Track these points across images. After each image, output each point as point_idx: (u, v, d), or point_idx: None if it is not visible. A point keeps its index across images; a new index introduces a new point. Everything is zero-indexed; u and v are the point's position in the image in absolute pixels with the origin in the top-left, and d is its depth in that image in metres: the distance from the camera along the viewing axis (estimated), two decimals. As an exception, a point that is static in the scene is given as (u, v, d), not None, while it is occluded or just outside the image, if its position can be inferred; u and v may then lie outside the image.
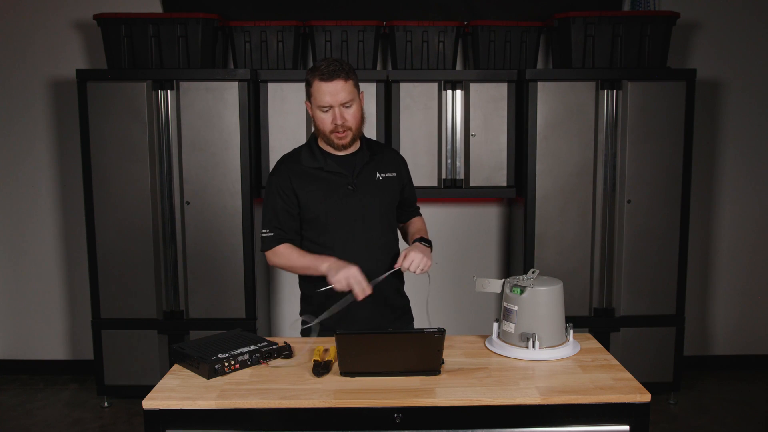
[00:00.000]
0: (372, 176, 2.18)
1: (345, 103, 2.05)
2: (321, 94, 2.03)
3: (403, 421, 1.65)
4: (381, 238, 2.18)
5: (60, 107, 3.87)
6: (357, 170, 2.16)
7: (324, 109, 2.05)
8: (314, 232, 2.16)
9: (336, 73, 2.01)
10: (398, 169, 2.26)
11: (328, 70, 2.02)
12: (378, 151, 2.24)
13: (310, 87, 2.06)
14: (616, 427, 1.68)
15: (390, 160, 2.26)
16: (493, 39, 3.53)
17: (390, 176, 2.22)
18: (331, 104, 2.04)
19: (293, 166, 2.17)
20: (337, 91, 2.02)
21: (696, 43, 3.89)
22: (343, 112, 2.05)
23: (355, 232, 2.14)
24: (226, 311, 3.49)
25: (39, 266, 4.00)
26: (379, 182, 2.19)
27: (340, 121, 2.05)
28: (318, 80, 2.03)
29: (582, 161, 3.44)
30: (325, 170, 2.14)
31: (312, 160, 2.16)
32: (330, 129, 2.07)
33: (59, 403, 3.68)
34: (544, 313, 1.93)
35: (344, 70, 2.04)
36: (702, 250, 4.02)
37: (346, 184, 2.14)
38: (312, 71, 2.06)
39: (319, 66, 2.04)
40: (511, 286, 1.96)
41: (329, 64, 2.03)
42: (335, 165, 2.14)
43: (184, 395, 1.69)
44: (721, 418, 3.45)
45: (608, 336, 3.53)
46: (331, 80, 2.01)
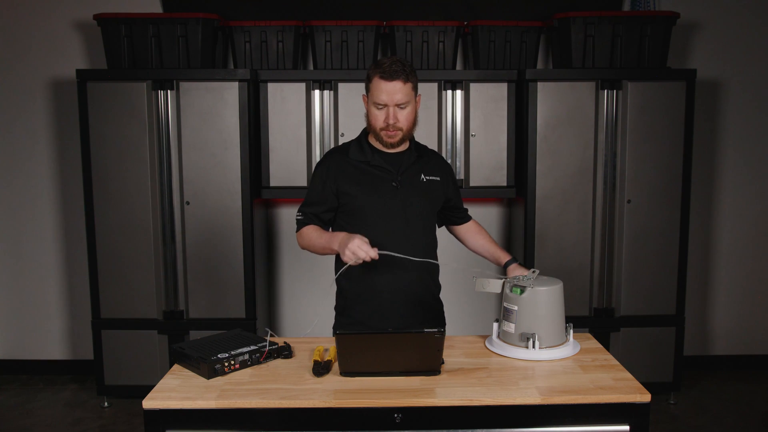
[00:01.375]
0: (417, 177, 2.19)
1: (400, 104, 2.07)
2: (378, 92, 2.06)
3: (403, 421, 1.65)
4: (420, 237, 2.19)
5: (60, 107, 3.87)
6: (403, 169, 2.17)
7: (379, 107, 2.08)
8: (353, 226, 2.17)
9: (397, 73, 2.04)
10: (443, 174, 2.27)
11: (390, 69, 2.04)
12: (425, 154, 2.26)
13: (370, 82, 2.09)
14: (616, 427, 1.68)
15: (436, 164, 2.28)
16: (493, 39, 3.53)
17: (434, 180, 2.23)
18: (387, 103, 2.06)
19: (340, 158, 2.20)
20: (394, 91, 2.05)
21: (696, 43, 3.89)
22: (397, 112, 2.08)
23: (395, 229, 2.15)
24: (226, 311, 3.49)
25: (39, 266, 4.00)
26: (423, 184, 2.20)
27: (392, 121, 2.08)
28: (378, 77, 2.05)
29: (582, 161, 3.44)
30: (371, 164, 2.16)
31: (360, 154, 2.18)
32: (381, 126, 2.10)
33: (59, 403, 3.68)
34: (544, 313, 1.93)
35: (405, 71, 2.06)
36: (702, 250, 4.02)
37: (390, 180, 2.15)
38: (375, 67, 2.08)
39: (383, 63, 2.06)
40: (511, 286, 1.96)
41: (392, 63, 2.05)
42: (382, 161, 2.16)
43: (184, 395, 1.69)
44: (721, 418, 3.45)
45: (608, 336, 3.53)
46: (390, 80, 2.04)
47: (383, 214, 2.14)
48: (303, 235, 2.20)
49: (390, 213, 2.15)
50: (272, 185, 3.55)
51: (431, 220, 2.26)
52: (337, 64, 3.54)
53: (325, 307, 4.08)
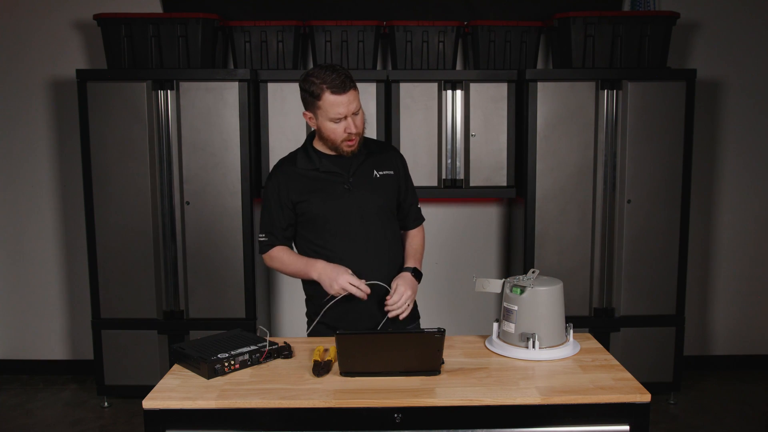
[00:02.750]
0: (369, 174, 2.18)
1: (356, 112, 2.06)
2: (335, 107, 2.02)
3: (403, 421, 1.64)
4: (381, 235, 2.18)
5: (60, 107, 3.87)
6: (353, 169, 2.15)
7: (336, 121, 2.05)
8: (313, 234, 2.17)
9: (346, 83, 2.01)
10: (396, 167, 2.25)
11: (340, 82, 2.00)
12: (376, 150, 2.23)
13: (318, 99, 2.03)
14: (616, 427, 1.68)
15: (388, 158, 2.24)
16: (493, 39, 3.53)
17: (388, 174, 2.21)
18: (346, 115, 2.03)
19: (289, 169, 2.18)
20: (350, 101, 2.03)
21: (696, 43, 3.89)
22: (355, 120, 2.06)
23: (354, 231, 2.14)
24: (226, 311, 3.49)
25: (39, 266, 4.00)
26: (376, 180, 2.18)
27: (355, 130, 2.06)
28: (330, 93, 2.01)
29: (582, 161, 3.44)
30: (321, 171, 2.15)
31: (307, 162, 2.16)
32: (343, 138, 2.07)
33: (59, 403, 3.68)
34: (544, 313, 1.93)
35: (350, 78, 2.04)
36: (702, 250, 4.02)
37: (342, 183, 2.14)
38: (317, 83, 2.01)
39: (326, 77, 2.01)
40: (511, 286, 1.96)
41: (337, 74, 2.01)
42: (330, 165, 2.15)
43: (184, 395, 1.69)
44: (721, 418, 3.45)
45: (608, 336, 3.53)
46: (345, 92, 2.01)
47: (341, 218, 2.13)
48: (273, 257, 2.20)
49: (347, 215, 2.13)
50: (272, 185, 3.55)
51: (390, 215, 2.23)
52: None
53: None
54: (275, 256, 2.20)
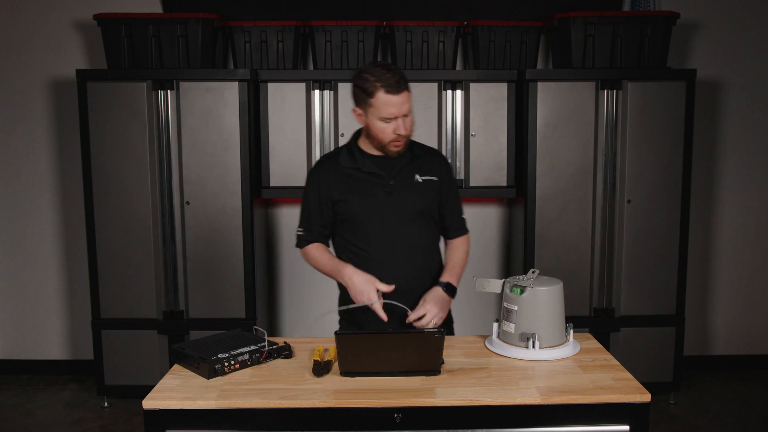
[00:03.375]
0: (410, 178, 2.16)
1: (407, 114, 2.04)
2: (387, 107, 2.00)
3: (403, 421, 1.64)
4: (417, 240, 2.17)
5: (60, 107, 3.87)
6: (395, 171, 2.14)
7: (387, 120, 2.03)
8: (350, 233, 2.18)
9: (400, 84, 1.99)
10: (440, 173, 2.21)
11: (395, 82, 1.98)
12: (421, 154, 2.20)
13: (371, 97, 2.01)
14: (616, 427, 1.68)
15: (433, 163, 2.21)
16: (493, 39, 3.53)
17: (430, 180, 2.18)
18: (397, 116, 2.02)
19: (331, 166, 2.18)
20: (403, 102, 2.01)
21: (696, 43, 3.89)
22: (405, 122, 2.04)
23: (391, 233, 2.14)
24: (226, 311, 3.49)
25: (39, 266, 4.00)
26: (418, 185, 2.16)
27: (404, 132, 2.05)
28: (384, 92, 1.99)
29: (582, 161, 3.44)
30: (363, 171, 2.14)
31: (350, 161, 2.16)
32: (390, 139, 2.06)
33: (59, 403, 3.68)
34: (544, 313, 1.93)
35: (404, 79, 2.01)
36: (702, 250, 4.02)
37: (382, 184, 2.13)
38: (372, 81, 1.99)
39: (381, 75, 1.99)
40: (511, 286, 1.96)
41: (393, 74, 1.99)
42: (373, 165, 2.14)
43: (184, 395, 1.69)
44: (721, 418, 3.45)
45: (608, 336, 3.53)
46: (399, 92, 1.99)
47: (378, 220, 2.13)
48: (308, 255, 2.24)
49: (384, 218, 2.13)
50: (272, 185, 3.55)
51: (429, 220, 2.21)
52: (337, 64, 3.54)
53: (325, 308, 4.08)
54: (310, 254, 2.23)
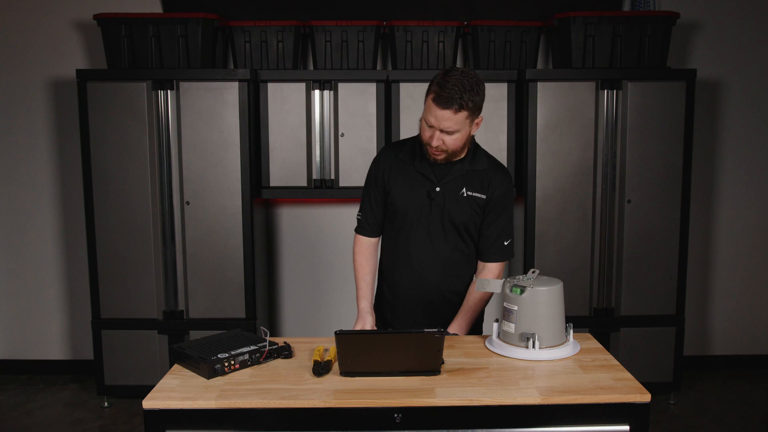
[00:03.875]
0: (457, 190, 2.13)
1: (449, 131, 2.01)
2: (429, 112, 2.01)
3: (403, 421, 1.64)
4: (446, 252, 2.18)
5: (60, 107, 3.87)
6: (445, 180, 2.13)
7: (428, 124, 2.04)
8: (391, 223, 2.22)
9: (450, 101, 1.94)
10: (491, 193, 2.14)
11: (445, 95, 1.94)
12: (480, 168, 2.15)
13: (428, 95, 2.01)
14: (616, 427, 1.68)
15: (487, 181, 2.14)
16: (493, 39, 3.53)
17: (477, 196, 2.14)
18: (434, 126, 2.01)
19: (392, 153, 2.21)
20: (443, 118, 1.98)
21: (696, 43, 3.89)
22: (444, 137, 2.02)
23: (424, 238, 2.16)
24: (226, 311, 3.49)
25: (39, 266, 4.00)
26: (461, 198, 2.13)
27: (436, 143, 2.03)
28: (433, 98, 1.97)
29: (582, 161, 3.44)
30: (416, 168, 2.15)
31: (409, 155, 2.18)
32: (426, 142, 2.08)
33: (59, 403, 3.68)
34: (544, 313, 1.93)
35: (462, 100, 1.94)
36: (702, 250, 4.02)
37: (428, 188, 2.14)
38: (435, 83, 1.98)
39: (444, 84, 1.95)
40: (511, 286, 1.96)
41: (452, 87, 1.93)
42: (426, 167, 2.14)
43: (184, 395, 1.69)
44: (721, 418, 3.45)
45: (608, 336, 3.53)
46: (442, 108, 1.96)
47: (414, 221, 2.15)
48: (355, 251, 2.30)
49: (420, 222, 2.15)
50: (272, 185, 3.55)
51: (464, 236, 2.18)
52: (337, 64, 3.54)
53: (325, 311, 4.08)
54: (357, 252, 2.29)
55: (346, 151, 3.51)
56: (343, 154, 3.51)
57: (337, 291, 4.03)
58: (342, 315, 4.01)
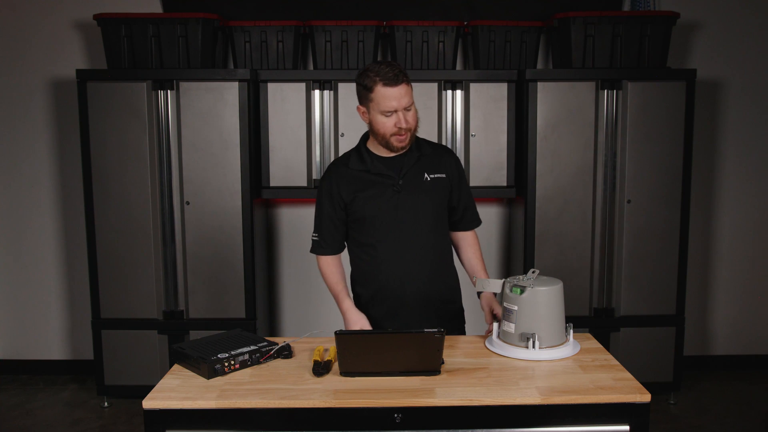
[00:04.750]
0: (419, 177, 2.17)
1: (407, 107, 2.07)
2: (386, 99, 2.04)
3: (403, 421, 1.64)
4: (428, 239, 2.18)
5: (60, 107, 3.87)
6: (404, 171, 2.16)
7: (387, 114, 2.06)
8: (360, 233, 2.20)
9: (398, 77, 2.03)
10: (448, 170, 2.23)
11: (393, 75, 2.03)
12: (429, 152, 2.23)
13: (371, 92, 2.06)
14: (616, 427, 1.68)
15: (441, 160, 2.23)
16: (493, 39, 3.53)
17: (439, 177, 2.20)
18: (397, 109, 2.05)
19: (341, 170, 2.21)
20: (401, 95, 2.04)
21: (696, 43, 3.89)
22: (406, 115, 2.07)
23: (401, 232, 2.15)
24: (226, 311, 3.49)
25: (39, 266, 4.00)
26: (426, 183, 2.17)
27: (404, 125, 2.07)
28: (382, 85, 2.03)
29: (582, 161, 3.44)
30: (372, 172, 2.16)
31: (359, 163, 2.18)
32: (392, 132, 2.09)
33: (59, 403, 3.68)
34: (544, 313, 1.93)
35: (404, 73, 2.06)
36: (702, 250, 4.02)
37: (391, 185, 2.14)
38: (371, 76, 2.05)
39: (379, 71, 2.04)
40: (511, 286, 1.96)
41: (391, 68, 2.04)
42: (382, 167, 2.16)
43: (184, 395, 1.69)
44: (721, 418, 3.45)
45: (608, 336, 3.53)
46: (396, 85, 2.03)
47: (387, 220, 2.14)
48: (320, 267, 2.29)
49: (394, 217, 2.14)
50: (272, 185, 3.55)
51: (440, 218, 2.22)
52: (337, 64, 3.55)
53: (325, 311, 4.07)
54: (321, 268, 2.29)
55: (345, 151, 3.51)
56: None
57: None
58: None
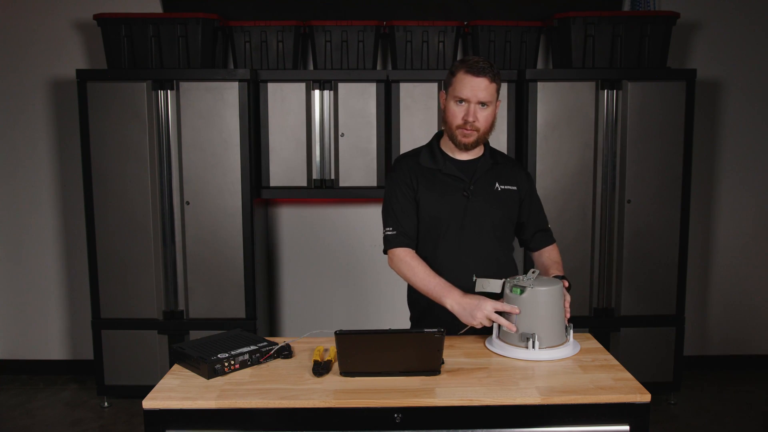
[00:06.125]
0: (491, 186, 2.13)
1: (482, 102, 2.02)
2: (462, 86, 2.01)
3: (403, 421, 1.64)
4: (489, 249, 2.13)
5: (60, 107, 3.87)
6: (476, 177, 2.12)
7: (460, 102, 2.03)
8: (429, 236, 2.13)
9: (484, 70, 1.99)
10: (520, 183, 2.17)
11: (477, 66, 2.00)
12: (502, 162, 2.18)
13: (453, 77, 2.03)
14: (616, 427, 1.68)
15: (513, 172, 2.18)
16: (493, 39, 3.53)
17: (510, 189, 2.15)
18: (469, 99, 2.01)
19: (413, 162, 2.15)
20: (479, 87, 2.00)
21: (696, 43, 3.89)
22: (477, 110, 2.02)
23: (462, 238, 2.10)
24: (226, 311, 3.49)
25: (39, 266, 4.00)
26: (497, 193, 2.13)
27: (472, 119, 2.02)
28: (464, 71, 2.01)
29: (582, 161, 3.44)
30: (443, 172, 2.11)
31: (431, 161, 2.13)
32: (458, 124, 2.04)
33: (59, 403, 3.68)
34: (544, 314, 1.93)
35: (493, 71, 2.01)
36: (702, 250, 4.02)
37: (462, 188, 2.10)
38: (461, 62, 2.03)
39: (470, 59, 2.02)
40: (511, 287, 1.96)
41: (480, 60, 2.01)
42: (454, 168, 2.11)
43: (184, 395, 1.69)
44: (721, 418, 3.45)
45: (608, 336, 3.53)
46: (477, 75, 1.99)
47: (454, 224, 2.10)
48: (402, 260, 2.07)
49: (461, 222, 2.10)
50: (272, 185, 3.55)
51: (504, 231, 2.16)
52: (337, 64, 3.55)
53: (325, 311, 4.08)
54: (406, 260, 2.07)
55: (346, 151, 3.51)
56: (343, 154, 3.51)
57: (337, 291, 4.03)
58: (342, 315, 4.01)
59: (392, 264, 2.12)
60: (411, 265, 2.07)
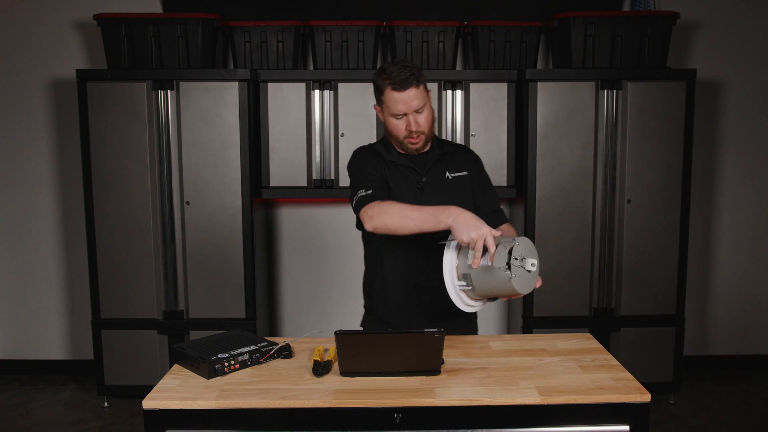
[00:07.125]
0: (441, 175, 2.16)
1: (418, 110, 2.04)
2: (394, 103, 2.01)
3: (403, 421, 1.64)
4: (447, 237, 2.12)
5: (60, 107, 3.87)
6: (426, 168, 2.14)
7: (398, 117, 2.04)
8: None
9: (408, 80, 1.98)
10: (470, 168, 2.21)
11: (400, 79, 1.98)
12: (450, 150, 2.21)
13: (382, 94, 2.04)
14: (616, 427, 1.68)
15: (462, 159, 2.21)
16: (493, 39, 3.53)
17: (461, 175, 2.18)
18: (406, 112, 2.03)
19: (374, 152, 2.17)
20: (410, 99, 2.00)
21: (696, 43, 3.89)
22: (417, 118, 2.04)
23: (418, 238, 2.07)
24: (226, 311, 3.49)
25: (39, 266, 4.00)
26: (448, 181, 2.16)
27: (415, 128, 2.04)
28: (390, 89, 2.00)
29: (582, 161, 3.44)
30: (398, 164, 2.14)
31: (386, 153, 2.16)
32: (404, 135, 2.07)
33: (59, 403, 3.68)
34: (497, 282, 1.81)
35: (415, 76, 2.00)
36: (702, 250, 4.02)
37: (415, 181, 2.13)
38: (383, 77, 2.01)
39: (391, 72, 2.00)
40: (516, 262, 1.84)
41: (401, 70, 1.99)
42: (407, 160, 2.15)
43: (184, 395, 1.69)
44: (721, 418, 3.45)
45: (608, 336, 3.53)
46: (404, 89, 1.99)
47: None
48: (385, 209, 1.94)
49: None
50: (272, 185, 3.55)
51: None
52: (337, 64, 3.55)
53: (325, 311, 4.08)
54: (388, 207, 1.95)
55: (346, 151, 3.51)
56: (343, 154, 3.51)
57: (337, 291, 4.03)
58: (342, 315, 4.01)
59: (374, 220, 1.96)
60: (398, 206, 1.95)
